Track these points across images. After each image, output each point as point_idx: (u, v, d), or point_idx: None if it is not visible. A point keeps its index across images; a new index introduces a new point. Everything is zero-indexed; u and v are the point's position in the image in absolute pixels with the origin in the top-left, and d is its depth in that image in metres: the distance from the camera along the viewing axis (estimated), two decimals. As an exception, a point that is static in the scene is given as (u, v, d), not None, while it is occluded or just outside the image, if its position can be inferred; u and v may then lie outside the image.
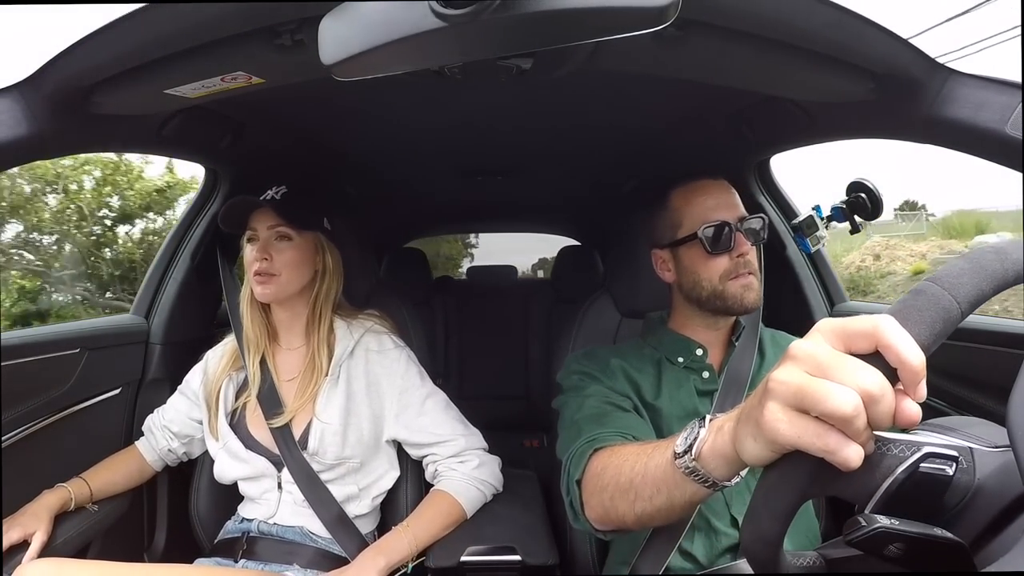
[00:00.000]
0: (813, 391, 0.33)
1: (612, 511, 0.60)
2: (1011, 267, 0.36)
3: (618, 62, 0.68)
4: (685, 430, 0.50)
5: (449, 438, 0.96)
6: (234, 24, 0.58)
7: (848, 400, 0.32)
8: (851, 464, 0.33)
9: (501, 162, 1.47)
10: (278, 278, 0.93)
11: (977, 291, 0.35)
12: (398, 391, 0.96)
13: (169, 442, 1.04)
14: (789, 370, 0.35)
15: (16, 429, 0.91)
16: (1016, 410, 0.33)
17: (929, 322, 0.34)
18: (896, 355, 0.32)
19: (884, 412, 0.32)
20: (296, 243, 0.94)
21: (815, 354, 0.34)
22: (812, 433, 0.33)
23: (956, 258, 0.37)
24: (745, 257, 0.81)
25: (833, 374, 0.33)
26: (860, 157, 10.56)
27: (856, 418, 0.32)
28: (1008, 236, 1.08)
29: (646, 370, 0.85)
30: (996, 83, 0.62)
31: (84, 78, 0.66)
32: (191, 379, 1.05)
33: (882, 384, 0.32)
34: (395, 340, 1.00)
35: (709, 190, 0.84)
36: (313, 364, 0.95)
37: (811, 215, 1.04)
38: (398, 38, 0.44)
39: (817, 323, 0.36)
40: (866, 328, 0.33)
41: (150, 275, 1.23)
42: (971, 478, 0.39)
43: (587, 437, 0.71)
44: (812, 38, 0.61)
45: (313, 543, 0.92)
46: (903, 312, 0.35)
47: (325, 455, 0.91)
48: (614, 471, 0.60)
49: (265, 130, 1.08)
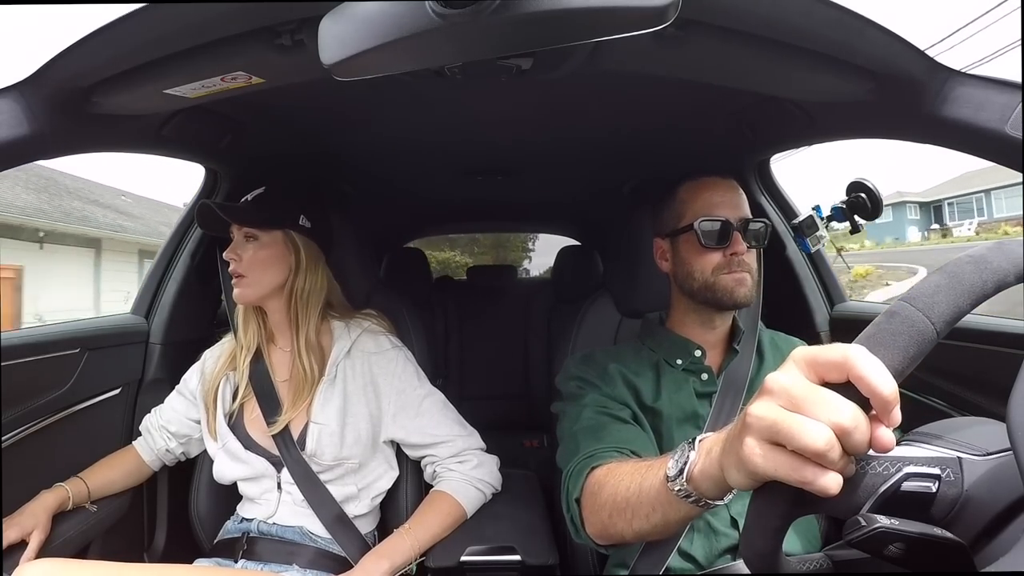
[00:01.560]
0: (787, 427, 0.34)
1: (611, 528, 0.62)
2: (990, 276, 0.35)
3: (618, 62, 0.68)
4: (676, 452, 0.51)
5: (447, 439, 0.96)
6: (234, 24, 0.58)
7: (820, 436, 0.33)
8: (829, 492, 0.33)
9: (501, 162, 1.47)
10: (246, 279, 0.93)
11: (954, 309, 0.34)
12: (396, 391, 0.95)
13: (167, 442, 1.04)
14: (765, 405, 0.36)
15: (16, 429, 0.91)
16: (1016, 410, 0.33)
17: (902, 346, 0.34)
18: (867, 386, 0.33)
19: (858, 442, 0.33)
20: (262, 242, 0.94)
21: (788, 388, 0.35)
22: (788, 467, 0.34)
23: (933, 272, 0.37)
24: (739, 256, 0.81)
25: (806, 409, 0.34)
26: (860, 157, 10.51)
27: (829, 451, 0.33)
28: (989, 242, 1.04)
29: (645, 373, 0.85)
30: (996, 83, 0.62)
31: (84, 78, 0.66)
32: (189, 379, 1.05)
33: (854, 416, 0.33)
34: (392, 340, 1.00)
35: (715, 187, 0.85)
36: (299, 367, 0.94)
37: (811, 215, 1.04)
38: (397, 38, 0.44)
39: (792, 352, 0.37)
40: (836, 359, 0.34)
41: (150, 275, 1.23)
42: (959, 490, 0.39)
43: (584, 453, 0.71)
44: (812, 38, 0.61)
45: (313, 543, 0.92)
46: (876, 337, 0.34)
47: (323, 456, 0.91)
48: (611, 491, 0.62)
49: (265, 130, 1.08)
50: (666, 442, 0.80)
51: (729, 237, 0.81)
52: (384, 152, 1.32)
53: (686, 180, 0.88)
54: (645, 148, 1.30)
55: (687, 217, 0.85)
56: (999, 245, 0.37)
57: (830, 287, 1.23)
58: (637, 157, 1.38)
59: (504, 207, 2.15)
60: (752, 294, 0.83)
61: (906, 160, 33.99)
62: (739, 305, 0.83)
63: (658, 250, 0.91)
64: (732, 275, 0.81)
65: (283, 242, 0.96)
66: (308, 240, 0.97)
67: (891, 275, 11.07)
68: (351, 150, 1.30)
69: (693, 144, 1.21)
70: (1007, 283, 0.36)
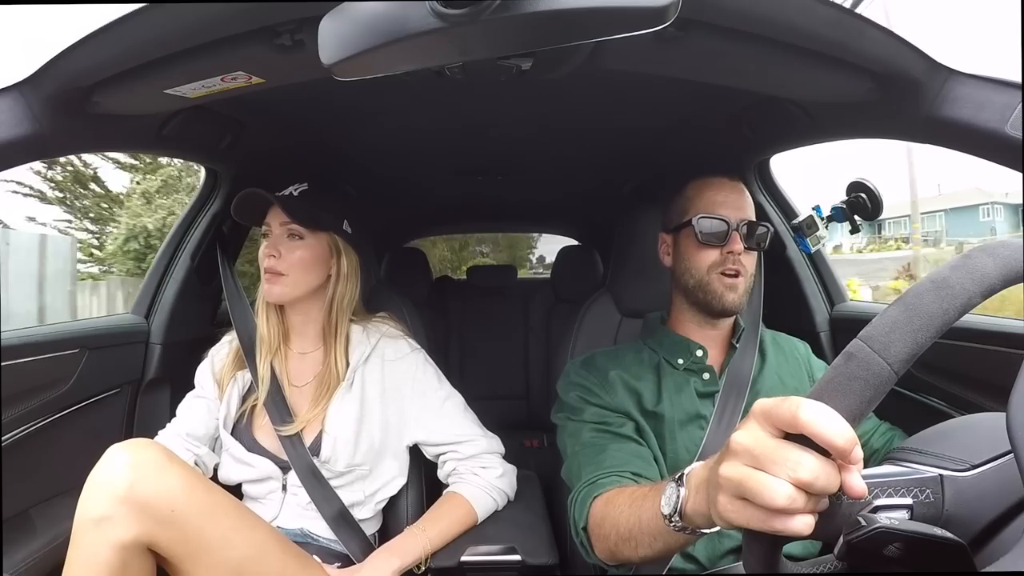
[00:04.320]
0: (750, 487, 0.35)
1: (619, 554, 0.65)
2: (952, 303, 0.34)
3: (618, 62, 0.68)
4: (666, 490, 0.52)
5: (470, 438, 0.95)
6: (234, 24, 0.58)
7: (779, 493, 0.34)
8: (802, 534, 0.35)
9: (501, 162, 1.47)
10: (285, 278, 0.91)
11: (912, 346, 0.34)
12: (418, 395, 0.95)
13: (197, 449, 0.95)
14: (731, 465, 0.37)
15: (16, 429, 0.91)
16: (1016, 410, 0.33)
17: (858, 391, 0.34)
18: (821, 440, 0.33)
19: (823, 487, 0.34)
20: (308, 243, 0.92)
21: (750, 447, 0.36)
22: (758, 520, 0.36)
23: (892, 304, 0.36)
24: (736, 255, 0.81)
25: (767, 466, 0.35)
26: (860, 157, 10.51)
27: (790, 505, 0.34)
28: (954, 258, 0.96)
29: (646, 377, 0.85)
30: (996, 83, 0.62)
31: (84, 78, 0.66)
32: (202, 379, 1.01)
33: (813, 468, 0.34)
34: (411, 343, 1.00)
35: (721, 187, 0.85)
36: (330, 372, 0.93)
37: (811, 215, 1.04)
38: (398, 38, 0.44)
39: (752, 406, 0.38)
40: (787, 417, 0.35)
41: (150, 275, 1.23)
42: (938, 511, 0.39)
43: (586, 480, 0.73)
44: (812, 38, 0.61)
45: (315, 542, 0.92)
46: (833, 382, 0.35)
47: (336, 463, 0.90)
48: (612, 522, 0.64)
49: (265, 130, 1.08)
50: (670, 444, 0.81)
51: (727, 236, 0.82)
52: (384, 152, 1.32)
53: (695, 178, 0.89)
54: (645, 148, 1.30)
55: (690, 213, 0.85)
56: (963, 262, 0.36)
57: (830, 287, 1.23)
58: (637, 157, 1.38)
59: (504, 207, 2.15)
60: (742, 302, 0.83)
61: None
62: (727, 311, 0.83)
63: (662, 244, 0.92)
64: (725, 278, 0.82)
65: (328, 245, 0.94)
66: (348, 247, 0.96)
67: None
68: (351, 150, 1.30)
69: (693, 144, 1.21)
70: (972, 304, 0.35)
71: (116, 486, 0.69)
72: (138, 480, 0.70)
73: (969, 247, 0.38)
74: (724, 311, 0.83)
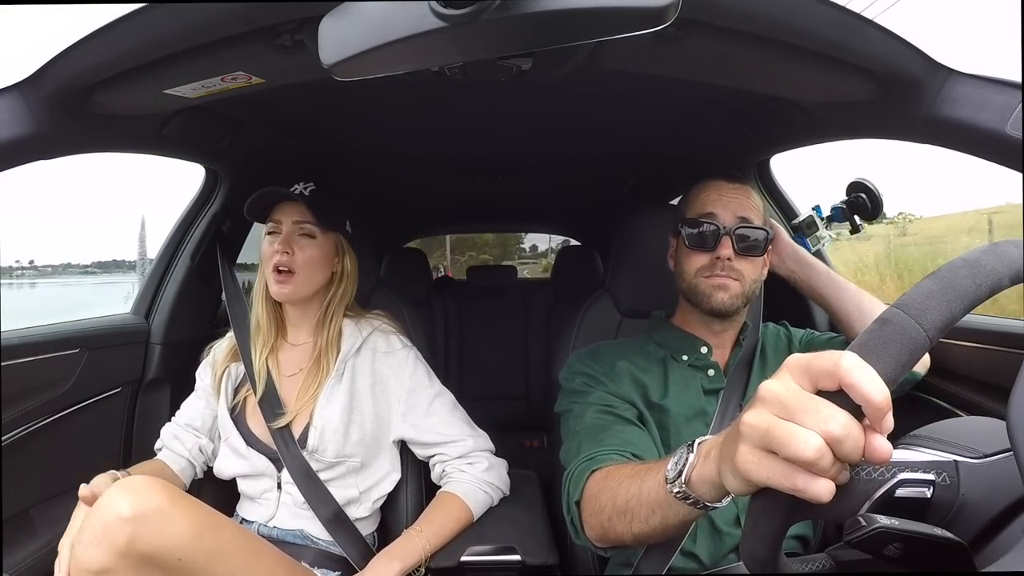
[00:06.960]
0: (778, 435, 0.34)
1: (610, 531, 0.62)
2: (984, 281, 0.35)
3: (618, 62, 0.68)
4: (675, 455, 0.51)
5: (457, 438, 0.95)
6: (234, 24, 0.58)
7: (810, 444, 0.33)
8: (821, 499, 0.33)
9: (501, 162, 1.47)
10: (296, 276, 0.91)
11: (946, 315, 0.34)
12: (406, 391, 0.95)
13: (197, 438, 0.97)
14: (758, 413, 0.36)
15: (16, 429, 0.91)
16: (1016, 410, 0.33)
17: (895, 354, 0.34)
18: (859, 394, 0.33)
19: (850, 450, 0.33)
20: (319, 242, 0.93)
21: (781, 396, 0.35)
22: (780, 474, 0.34)
23: (927, 277, 0.36)
24: (724, 260, 0.80)
25: (797, 417, 0.34)
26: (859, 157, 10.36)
27: (820, 459, 0.33)
28: (984, 245, 1.03)
29: (652, 370, 0.84)
30: (996, 83, 0.62)
31: (84, 78, 0.66)
32: (203, 375, 1.02)
33: (845, 424, 0.33)
34: (403, 340, 1.00)
35: (716, 188, 0.84)
36: (319, 364, 0.94)
37: (811, 215, 1.04)
38: (398, 38, 0.44)
39: (787, 359, 0.37)
40: (827, 367, 0.34)
41: (150, 275, 1.23)
42: (954, 495, 0.39)
43: (585, 455, 0.71)
44: (812, 38, 0.61)
45: (314, 544, 0.92)
46: (868, 345, 0.35)
47: (325, 452, 0.90)
48: (610, 494, 0.62)
49: (265, 130, 1.08)
50: (674, 439, 0.80)
51: (716, 240, 0.80)
52: (384, 152, 1.32)
53: (700, 179, 0.88)
54: (645, 148, 1.30)
55: (686, 215, 0.85)
56: (993, 248, 0.37)
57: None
58: (637, 157, 1.38)
59: (504, 207, 2.15)
60: (736, 303, 0.81)
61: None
62: (717, 311, 0.81)
63: (669, 246, 0.91)
64: (712, 280, 0.80)
65: (335, 244, 0.96)
66: (350, 247, 0.98)
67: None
68: (351, 150, 1.30)
69: (693, 144, 1.21)
70: (1001, 286, 0.36)
71: (117, 540, 0.64)
72: (141, 533, 0.65)
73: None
74: (714, 311, 0.82)
